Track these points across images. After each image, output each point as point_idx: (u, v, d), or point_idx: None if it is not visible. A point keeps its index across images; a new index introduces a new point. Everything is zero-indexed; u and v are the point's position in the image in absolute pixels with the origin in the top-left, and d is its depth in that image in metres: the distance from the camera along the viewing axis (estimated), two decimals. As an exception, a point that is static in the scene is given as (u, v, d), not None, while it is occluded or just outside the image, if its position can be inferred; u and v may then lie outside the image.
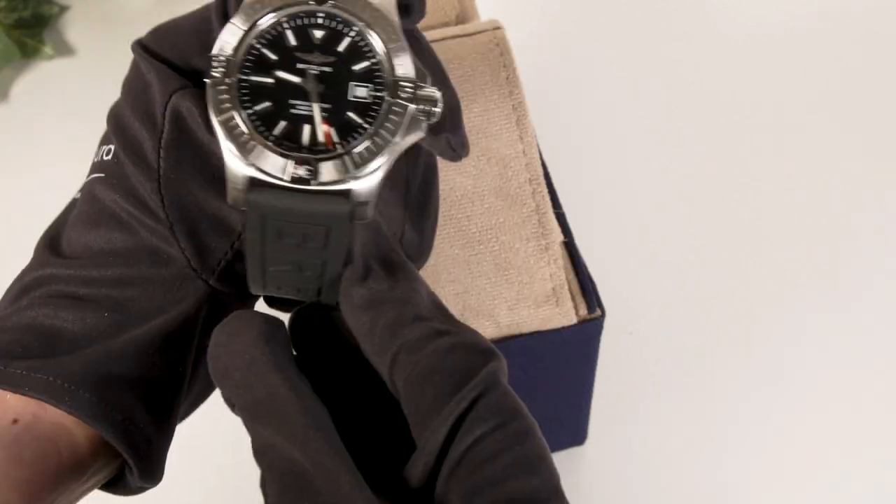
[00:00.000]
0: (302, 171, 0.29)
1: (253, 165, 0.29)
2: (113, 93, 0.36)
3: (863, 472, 0.62)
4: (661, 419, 0.65)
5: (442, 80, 0.34)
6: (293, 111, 0.30)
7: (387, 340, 0.29)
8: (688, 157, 0.75)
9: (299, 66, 0.30)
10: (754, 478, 0.63)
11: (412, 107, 0.30)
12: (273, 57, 0.30)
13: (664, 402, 0.65)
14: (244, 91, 0.30)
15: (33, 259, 0.35)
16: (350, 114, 0.30)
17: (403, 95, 0.30)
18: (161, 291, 0.32)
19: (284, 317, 0.32)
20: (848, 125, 0.76)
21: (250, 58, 0.30)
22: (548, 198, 0.51)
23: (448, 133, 0.34)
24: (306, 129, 0.29)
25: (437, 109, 0.30)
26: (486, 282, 0.50)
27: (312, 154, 0.29)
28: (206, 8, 0.34)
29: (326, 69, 0.30)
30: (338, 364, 0.32)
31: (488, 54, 0.52)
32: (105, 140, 0.35)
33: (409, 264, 0.33)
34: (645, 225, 0.72)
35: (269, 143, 0.29)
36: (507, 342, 0.50)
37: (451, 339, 0.29)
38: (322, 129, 0.29)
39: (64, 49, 0.84)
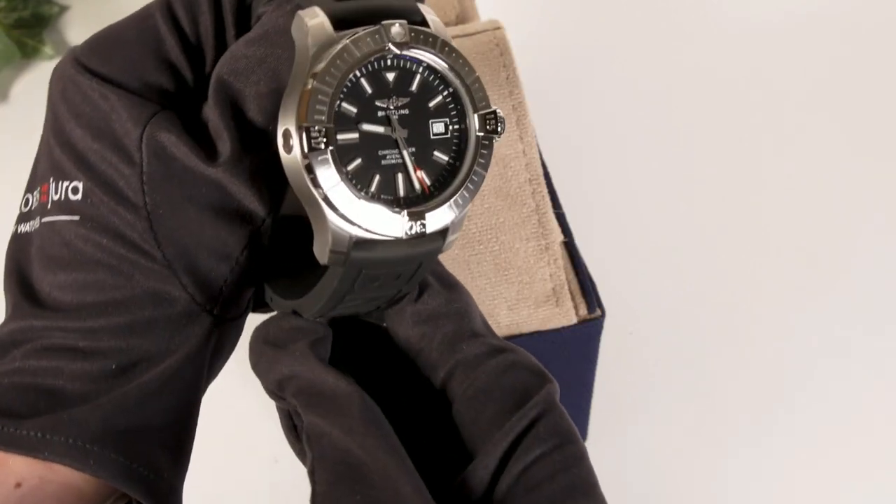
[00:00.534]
0: (417, 227, 0.28)
1: (360, 227, 0.28)
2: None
3: (863, 471, 0.62)
4: (661, 419, 0.65)
5: None
6: (384, 162, 0.29)
7: (445, 354, 0.29)
8: (688, 157, 0.75)
9: (380, 113, 0.29)
10: (754, 477, 0.63)
11: (496, 136, 0.30)
12: (353, 110, 0.29)
13: (664, 402, 0.65)
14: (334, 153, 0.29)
15: (11, 309, 0.32)
16: (436, 153, 0.29)
17: (489, 128, 0.30)
18: (168, 333, 0.31)
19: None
20: (848, 125, 0.76)
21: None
22: (548, 198, 0.51)
23: None
24: (400, 178, 0.29)
25: (501, 128, 0.30)
26: (486, 282, 0.50)
27: (413, 205, 0.29)
28: (147, 15, 0.32)
29: (404, 112, 0.29)
30: (374, 371, 0.32)
31: (488, 54, 0.52)
32: (60, 173, 0.32)
33: (458, 281, 0.33)
34: (645, 225, 0.72)
35: (373, 202, 0.28)
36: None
37: (508, 358, 0.29)
38: (416, 177, 0.29)
39: (64, 49, 0.83)
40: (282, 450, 0.32)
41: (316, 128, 0.28)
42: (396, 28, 0.29)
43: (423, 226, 0.28)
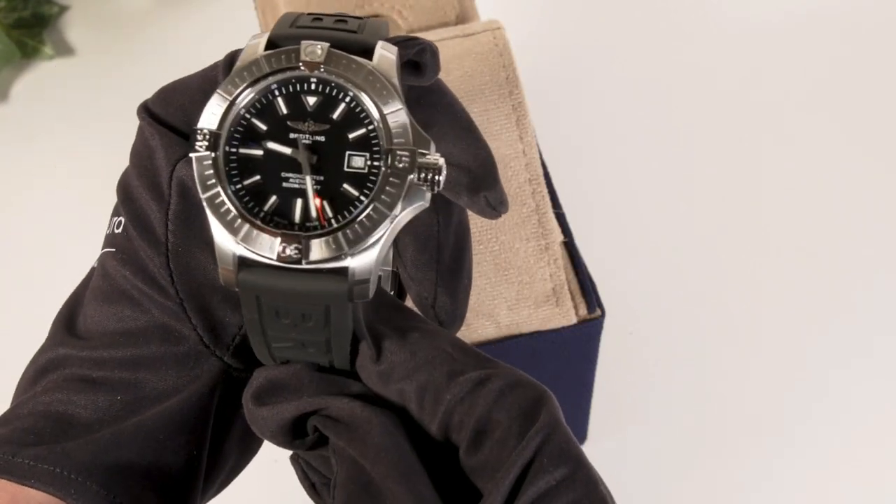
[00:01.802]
0: (291, 251, 0.27)
1: (241, 244, 0.27)
2: (113, 93, 0.35)
3: (862, 471, 0.62)
4: (660, 419, 0.65)
5: (467, 137, 0.33)
6: (285, 185, 0.28)
7: (429, 408, 0.28)
8: (688, 157, 0.75)
9: (291, 135, 0.28)
10: (754, 477, 0.63)
11: (411, 176, 0.27)
12: (263, 127, 0.28)
13: (664, 402, 0.65)
14: (233, 165, 0.28)
15: (49, 336, 0.33)
16: (346, 186, 0.27)
17: (400, 165, 0.27)
18: (174, 371, 0.31)
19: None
20: (848, 125, 0.76)
21: (239, 129, 0.28)
22: (548, 198, 0.51)
23: (486, 192, 0.33)
24: (298, 203, 0.27)
25: (441, 178, 0.27)
26: (486, 282, 0.50)
27: (304, 231, 0.27)
28: (214, 66, 0.33)
29: (320, 138, 0.28)
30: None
31: (488, 54, 0.52)
32: (116, 211, 0.33)
33: (421, 321, 0.31)
34: (645, 225, 0.72)
35: (257, 221, 0.27)
36: (507, 342, 0.50)
37: (496, 385, 0.28)
38: (314, 204, 0.27)
39: (64, 49, 0.84)
40: (282, 450, 0.32)
41: (204, 130, 0.28)
42: (312, 48, 0.28)
43: (298, 251, 0.26)
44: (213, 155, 0.28)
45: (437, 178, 0.27)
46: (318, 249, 0.27)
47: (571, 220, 0.52)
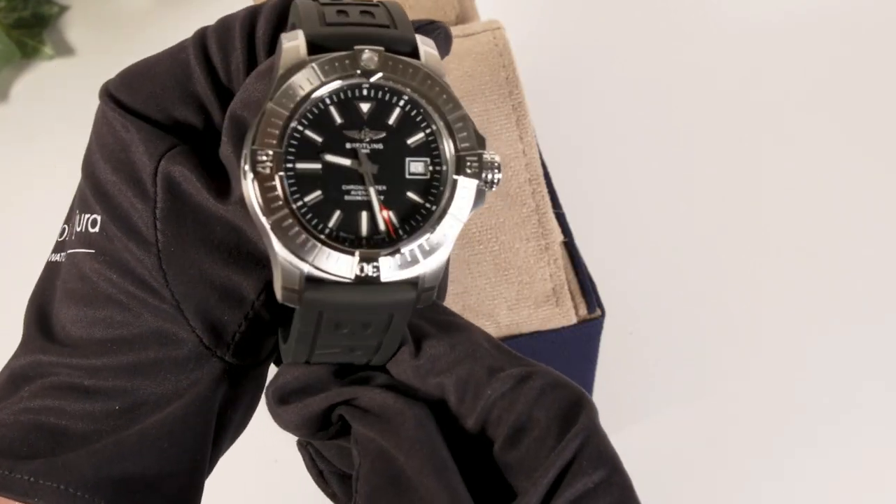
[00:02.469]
0: (369, 269, 0.26)
1: (310, 264, 0.26)
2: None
3: (862, 470, 0.63)
4: (661, 419, 0.65)
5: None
6: (347, 198, 0.26)
7: (468, 401, 0.28)
8: (688, 157, 0.75)
9: (348, 145, 0.27)
10: (754, 477, 0.63)
11: (478, 181, 0.27)
12: (318, 139, 0.27)
13: (664, 402, 0.65)
14: (291, 182, 0.26)
15: (23, 342, 0.32)
16: (410, 194, 0.27)
17: (470, 171, 0.27)
18: (173, 375, 0.30)
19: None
20: (848, 125, 0.76)
21: (293, 142, 0.27)
22: (548, 198, 0.51)
23: None
24: (364, 216, 0.26)
25: (499, 176, 0.27)
26: (485, 282, 0.50)
27: (375, 246, 0.26)
28: (181, 48, 0.31)
29: (378, 146, 0.27)
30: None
31: (488, 54, 0.52)
32: (84, 206, 0.31)
33: (451, 313, 0.31)
34: (645, 225, 0.72)
35: (326, 239, 0.26)
36: (507, 342, 0.50)
37: (537, 383, 0.27)
38: (382, 217, 0.26)
39: (64, 49, 0.84)
40: (282, 450, 0.32)
41: (265, 152, 0.26)
42: (367, 54, 0.27)
43: (377, 269, 0.26)
44: (277, 175, 0.26)
45: (496, 176, 0.27)
46: (394, 264, 0.26)
47: (571, 220, 0.52)
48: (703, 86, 0.78)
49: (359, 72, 0.27)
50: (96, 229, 0.30)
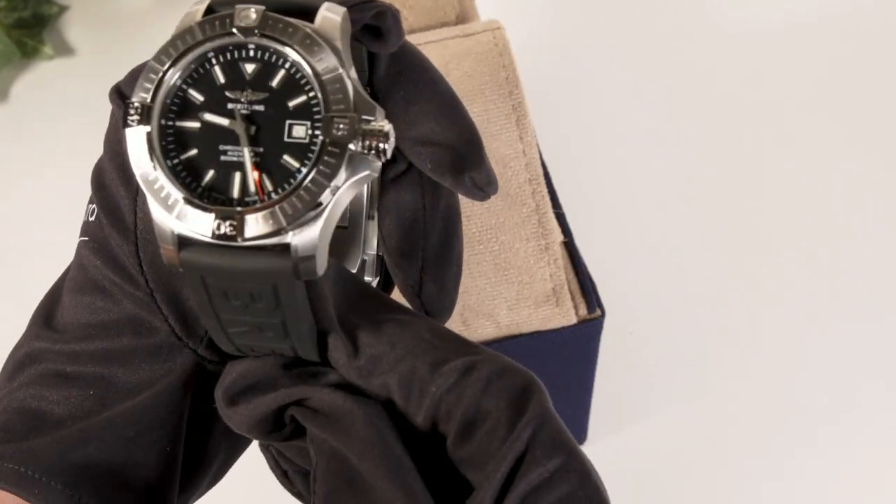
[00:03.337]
0: (225, 227, 0.25)
1: (177, 220, 0.26)
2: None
3: (863, 470, 0.63)
4: (660, 419, 0.65)
5: (450, 114, 0.31)
6: (223, 158, 0.26)
7: (414, 400, 0.27)
8: (688, 157, 0.75)
9: (229, 106, 0.26)
10: (754, 477, 0.63)
11: (352, 144, 0.26)
12: (200, 98, 0.27)
13: (664, 402, 0.65)
14: (170, 139, 0.26)
15: (27, 329, 0.32)
16: (286, 157, 0.26)
17: (338, 133, 0.26)
18: (147, 364, 0.30)
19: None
20: (848, 125, 0.76)
21: (176, 101, 0.27)
22: (548, 198, 0.51)
23: (471, 171, 0.31)
24: (237, 177, 0.26)
25: (387, 146, 0.26)
26: (485, 282, 0.50)
27: (242, 206, 0.26)
28: None
29: (259, 108, 0.26)
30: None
31: (488, 54, 0.52)
32: (91, 197, 0.32)
33: (396, 308, 0.29)
34: (645, 225, 0.72)
35: (193, 198, 0.26)
36: (507, 342, 0.50)
37: (482, 373, 0.27)
38: (252, 177, 0.26)
39: (64, 49, 0.84)
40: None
41: (135, 103, 0.26)
42: (246, 12, 0.26)
43: (234, 228, 0.25)
44: (146, 129, 0.26)
45: (383, 146, 0.26)
46: (254, 225, 0.25)
47: (571, 220, 0.52)
48: (703, 86, 0.78)
49: (235, 31, 0.26)
50: (93, 218, 0.31)
